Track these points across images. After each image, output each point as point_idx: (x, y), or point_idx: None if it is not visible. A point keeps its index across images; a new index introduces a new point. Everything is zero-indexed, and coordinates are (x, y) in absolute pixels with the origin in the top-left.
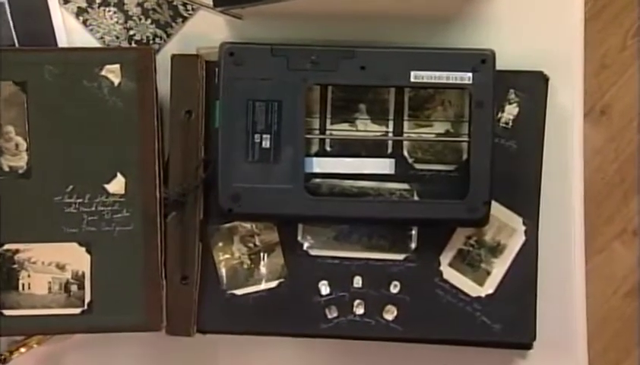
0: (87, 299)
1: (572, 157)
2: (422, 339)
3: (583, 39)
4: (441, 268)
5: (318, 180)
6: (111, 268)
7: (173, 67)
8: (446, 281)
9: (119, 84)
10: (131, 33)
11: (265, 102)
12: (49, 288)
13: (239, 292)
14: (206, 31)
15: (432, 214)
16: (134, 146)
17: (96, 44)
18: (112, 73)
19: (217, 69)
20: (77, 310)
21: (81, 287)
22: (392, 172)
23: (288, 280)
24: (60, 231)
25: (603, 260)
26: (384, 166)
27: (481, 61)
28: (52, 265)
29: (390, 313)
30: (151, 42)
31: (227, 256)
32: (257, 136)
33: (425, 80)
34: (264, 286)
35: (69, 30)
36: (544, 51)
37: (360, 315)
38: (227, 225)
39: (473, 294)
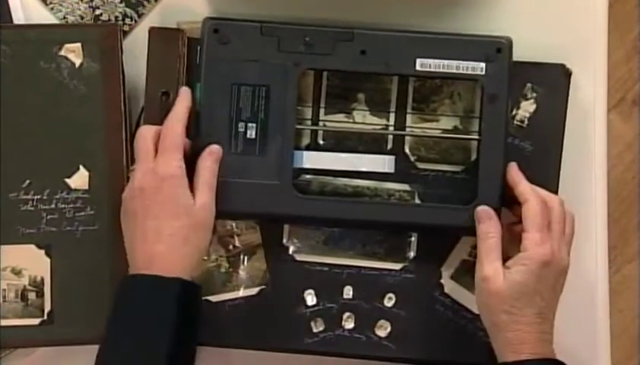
0: (47, 308)
1: (594, 159)
2: (418, 360)
3: (607, 26)
4: (442, 280)
5: (308, 177)
6: (73, 272)
7: (151, 42)
8: (447, 296)
9: (81, 65)
10: (98, 12)
11: (252, 86)
12: (4, 296)
13: (214, 299)
14: (187, 4)
15: (434, 220)
16: (98, 135)
17: None
18: (73, 53)
19: (199, 47)
20: (36, 321)
21: (40, 294)
22: (392, 170)
23: (270, 288)
24: (16, 232)
25: (635, 270)
26: (383, 163)
27: (496, 50)
28: (7, 270)
29: (383, 329)
30: (120, 23)
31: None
32: (241, 124)
33: (432, 69)
34: (242, 293)
35: (27, 9)
36: (566, 40)
37: (350, 330)
38: None
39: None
